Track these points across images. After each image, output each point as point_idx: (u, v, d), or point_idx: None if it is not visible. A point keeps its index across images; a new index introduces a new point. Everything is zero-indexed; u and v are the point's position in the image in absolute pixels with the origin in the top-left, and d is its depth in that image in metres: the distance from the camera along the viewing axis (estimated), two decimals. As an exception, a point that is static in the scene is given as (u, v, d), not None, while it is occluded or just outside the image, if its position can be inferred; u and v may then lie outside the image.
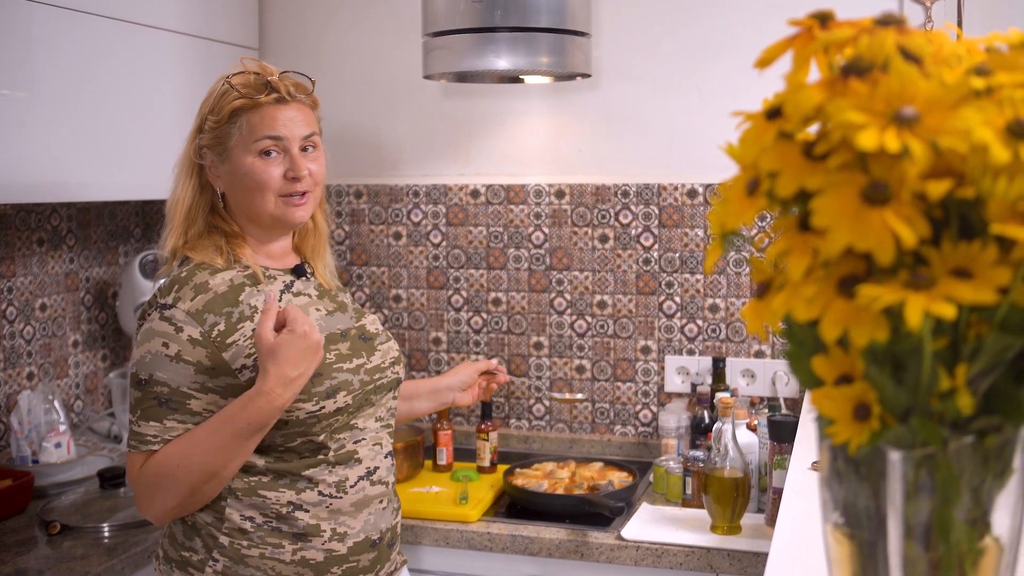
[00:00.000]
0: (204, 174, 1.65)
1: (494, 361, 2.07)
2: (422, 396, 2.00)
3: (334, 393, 1.57)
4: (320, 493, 1.59)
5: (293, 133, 1.60)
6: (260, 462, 1.57)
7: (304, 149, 1.62)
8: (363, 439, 1.65)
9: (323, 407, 1.56)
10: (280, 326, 1.47)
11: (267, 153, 1.59)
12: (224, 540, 1.56)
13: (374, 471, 1.65)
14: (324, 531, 1.58)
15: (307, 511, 1.58)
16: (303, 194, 1.61)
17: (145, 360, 1.53)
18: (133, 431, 1.53)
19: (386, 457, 1.69)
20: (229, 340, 1.53)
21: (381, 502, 1.66)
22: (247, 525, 1.56)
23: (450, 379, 2.01)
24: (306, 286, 1.68)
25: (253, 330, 1.54)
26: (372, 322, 1.75)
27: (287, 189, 1.60)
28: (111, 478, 2.20)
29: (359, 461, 1.63)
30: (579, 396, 2.54)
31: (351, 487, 1.61)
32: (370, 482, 1.64)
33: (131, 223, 2.89)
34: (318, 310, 1.66)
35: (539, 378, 2.71)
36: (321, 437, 1.58)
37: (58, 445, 2.34)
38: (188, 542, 1.59)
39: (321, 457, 1.59)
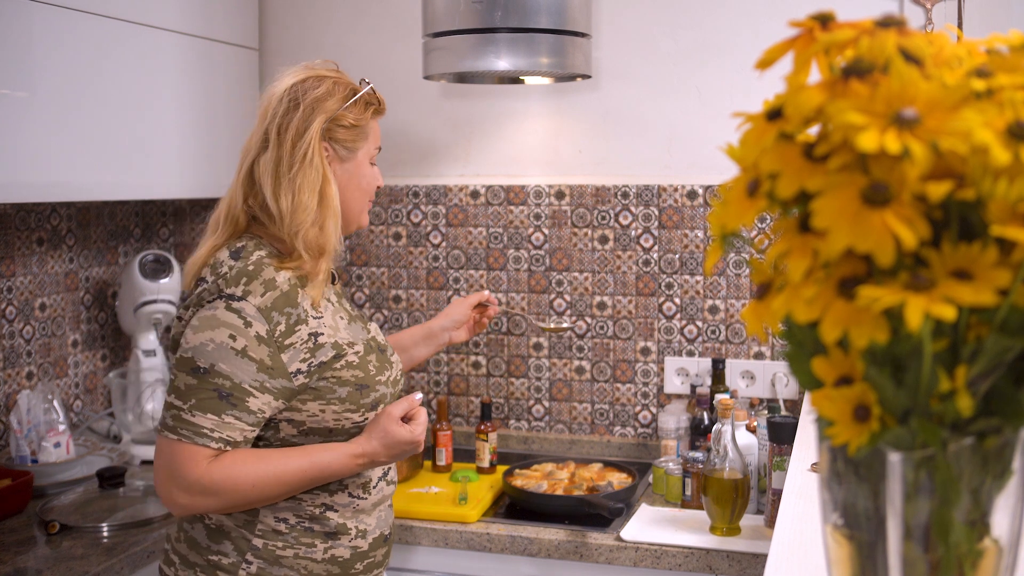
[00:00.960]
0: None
1: (485, 293, 2.08)
2: (418, 344, 2.03)
3: (376, 405, 1.64)
4: (349, 494, 1.64)
5: None
6: None
7: None
8: None
9: (366, 418, 1.63)
10: (406, 418, 1.60)
11: (373, 163, 1.73)
12: (258, 542, 1.58)
13: (387, 472, 1.72)
14: (350, 529, 1.64)
15: (337, 511, 1.62)
16: None
17: (207, 348, 1.50)
18: (185, 419, 1.49)
19: None
20: (287, 342, 1.53)
21: (389, 500, 1.75)
22: (281, 527, 1.59)
23: (442, 320, 2.04)
24: (328, 291, 1.68)
25: (310, 334, 1.56)
26: (377, 331, 1.78)
27: (373, 196, 1.75)
28: (110, 478, 2.20)
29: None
30: (564, 325, 2.52)
31: (373, 488, 1.67)
32: (386, 482, 1.71)
33: (131, 223, 2.89)
34: (342, 318, 1.67)
35: (539, 379, 2.71)
36: None
37: (57, 445, 2.34)
38: (216, 545, 1.59)
39: None
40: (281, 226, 1.58)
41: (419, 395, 1.64)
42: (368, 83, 1.70)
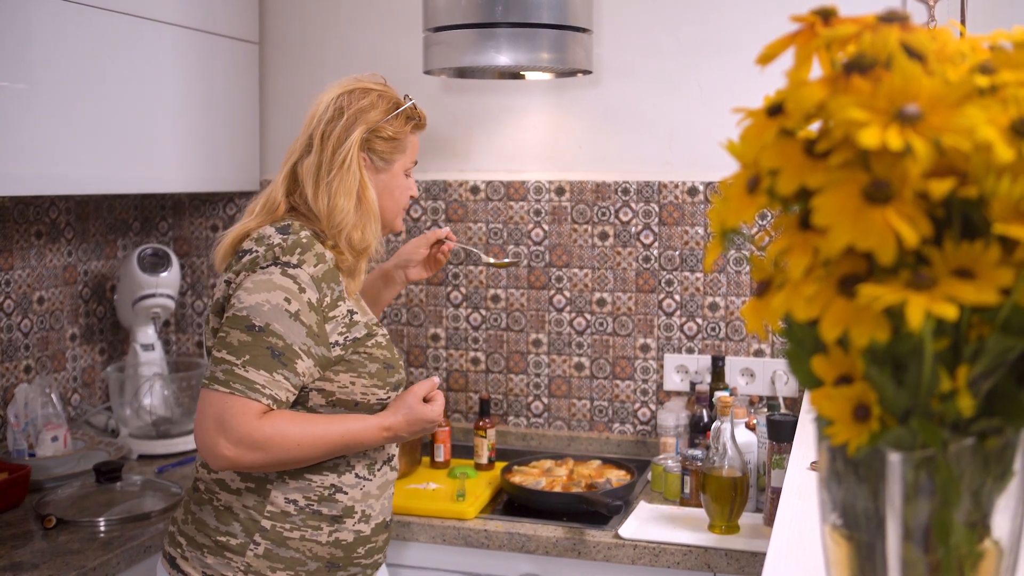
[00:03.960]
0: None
1: (445, 230, 2.07)
2: (378, 288, 2.06)
3: (397, 386, 1.74)
4: (356, 475, 1.70)
5: None
6: None
7: None
8: None
9: (389, 396, 1.71)
10: (427, 399, 1.72)
11: (407, 174, 1.81)
12: (266, 524, 1.63)
13: (391, 458, 1.78)
14: (356, 512, 1.69)
15: (345, 493, 1.68)
16: None
17: (263, 308, 1.57)
18: (238, 374, 1.55)
19: (396, 446, 1.82)
20: (331, 314, 1.63)
21: (391, 487, 1.79)
22: (290, 508, 1.64)
23: (395, 260, 2.08)
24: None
25: (348, 311, 1.67)
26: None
27: (407, 205, 1.85)
28: (107, 472, 2.19)
29: (382, 447, 1.75)
30: (507, 260, 2.48)
31: (378, 470, 1.74)
32: (390, 467, 1.78)
33: (129, 216, 2.88)
34: (360, 306, 1.76)
35: (538, 375, 2.70)
36: None
37: (55, 439, 2.34)
38: (224, 527, 1.64)
39: None
40: (323, 225, 1.68)
41: (437, 379, 1.77)
42: (411, 99, 1.79)
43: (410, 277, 2.07)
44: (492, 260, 2.38)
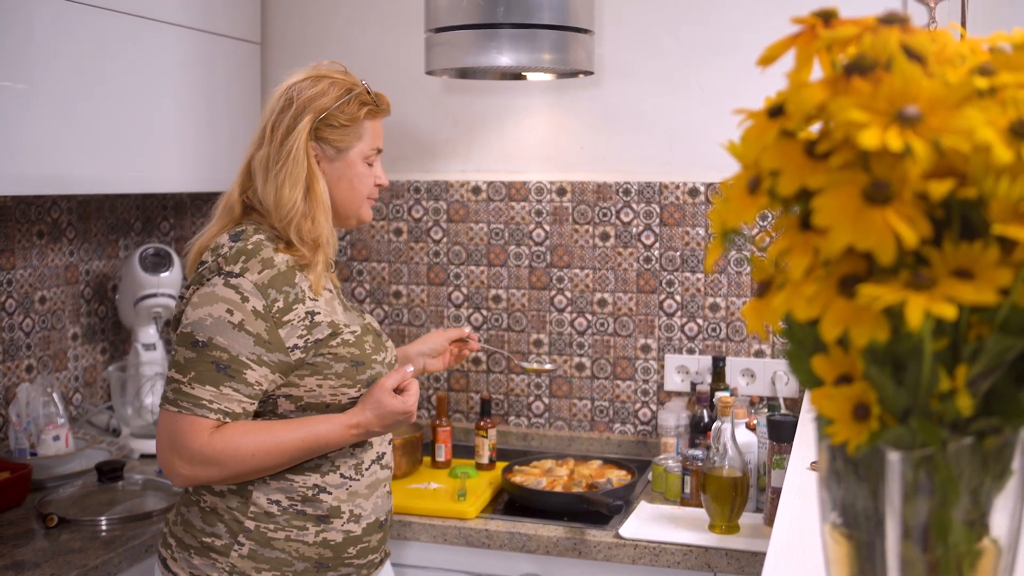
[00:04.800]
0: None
1: (467, 329, 2.10)
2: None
3: (371, 382, 1.68)
4: (342, 475, 1.67)
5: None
6: None
7: None
8: None
9: (363, 394, 1.67)
10: (399, 390, 1.66)
11: (369, 163, 1.75)
12: (250, 524, 1.61)
13: (382, 456, 1.75)
14: (343, 512, 1.67)
15: (330, 493, 1.66)
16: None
17: (205, 323, 1.56)
18: (184, 392, 1.55)
19: (388, 444, 1.79)
20: (285, 318, 1.59)
21: (385, 486, 1.76)
22: (274, 508, 1.63)
23: (420, 346, 2.06)
24: (327, 280, 1.73)
25: (307, 313, 1.62)
26: (372, 320, 1.83)
27: (373, 194, 1.77)
28: (109, 471, 2.20)
29: (371, 445, 1.73)
30: (548, 367, 2.49)
31: (366, 469, 1.71)
32: (380, 465, 1.74)
33: (131, 216, 2.89)
34: (339, 304, 1.72)
35: (539, 375, 2.70)
36: None
37: (56, 438, 2.34)
38: (209, 528, 1.63)
39: None
40: (272, 218, 1.65)
41: (410, 368, 1.70)
42: (364, 83, 1.73)
43: (427, 368, 2.06)
44: (535, 366, 2.40)
